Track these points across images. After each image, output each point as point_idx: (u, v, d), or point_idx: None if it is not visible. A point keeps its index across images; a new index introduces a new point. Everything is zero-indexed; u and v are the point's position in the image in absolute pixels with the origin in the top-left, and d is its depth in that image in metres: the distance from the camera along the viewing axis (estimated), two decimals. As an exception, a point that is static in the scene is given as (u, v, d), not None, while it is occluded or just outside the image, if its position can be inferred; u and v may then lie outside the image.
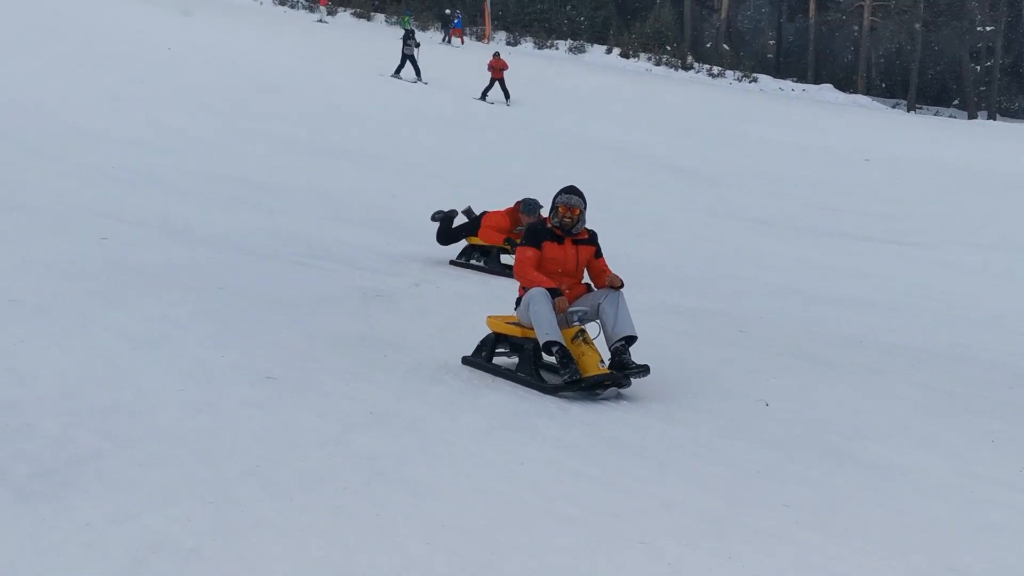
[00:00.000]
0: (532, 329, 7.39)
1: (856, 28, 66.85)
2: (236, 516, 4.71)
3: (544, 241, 7.61)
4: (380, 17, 64.04)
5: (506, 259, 12.11)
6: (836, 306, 12.28)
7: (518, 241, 11.64)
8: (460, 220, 12.69)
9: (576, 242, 7.71)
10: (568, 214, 7.59)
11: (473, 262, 12.37)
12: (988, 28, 65.90)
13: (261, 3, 61.33)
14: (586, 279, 7.89)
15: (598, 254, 7.81)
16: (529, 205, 12.08)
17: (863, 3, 64.46)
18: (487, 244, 12.22)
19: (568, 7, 65.70)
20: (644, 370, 7.29)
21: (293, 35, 44.76)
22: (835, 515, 5.61)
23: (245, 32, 41.68)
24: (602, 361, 7.27)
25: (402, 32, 37.84)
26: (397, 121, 25.13)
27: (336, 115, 24.50)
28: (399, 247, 12.28)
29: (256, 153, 17.92)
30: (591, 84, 42.72)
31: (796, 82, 63.69)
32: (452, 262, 12.44)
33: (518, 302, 7.68)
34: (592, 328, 7.55)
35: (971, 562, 5.09)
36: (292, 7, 63.68)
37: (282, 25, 50.30)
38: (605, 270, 7.75)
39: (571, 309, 7.40)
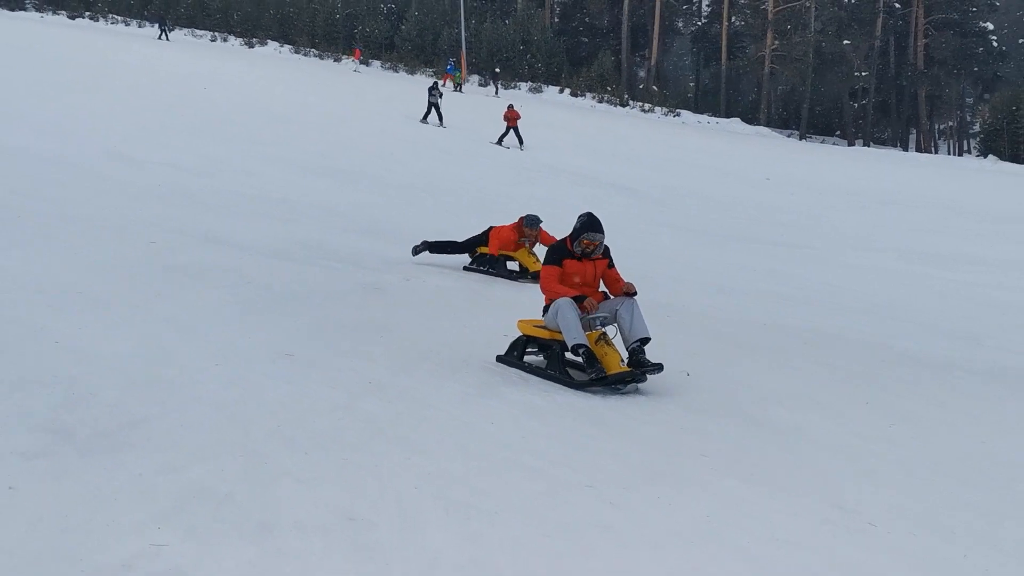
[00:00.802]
0: (559, 332, 7.12)
1: (758, 73, 67.14)
2: (261, 468, 4.70)
3: (565, 259, 7.31)
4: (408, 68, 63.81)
5: (511, 265, 11.88)
6: (752, 298, 12.32)
7: (515, 251, 11.73)
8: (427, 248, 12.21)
9: (591, 259, 7.39)
10: (590, 246, 7.24)
11: (482, 268, 11.93)
12: (863, 74, 66.35)
13: (280, 52, 61.01)
14: (602, 287, 7.55)
15: (611, 265, 7.47)
16: (531, 220, 11.78)
17: (764, 53, 64.75)
18: (495, 253, 11.83)
19: (528, 56, 65.70)
20: (659, 367, 6.94)
21: (328, 81, 44.49)
22: (745, 465, 5.64)
23: (283, 77, 41.45)
24: (622, 360, 6.98)
25: (431, 83, 36.43)
26: (399, 151, 25.06)
27: (345, 144, 24.41)
28: (393, 251, 12.24)
29: (274, 176, 17.84)
30: (549, 119, 42.65)
31: (711, 116, 63.94)
32: (466, 267, 12.02)
33: (545, 309, 7.37)
34: (609, 330, 7.26)
35: (853, 501, 5.14)
36: (326, 58, 63.28)
37: (320, 72, 50.07)
38: (619, 279, 7.41)
39: (592, 315, 7.08)
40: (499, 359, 7.53)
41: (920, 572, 4.32)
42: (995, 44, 71.84)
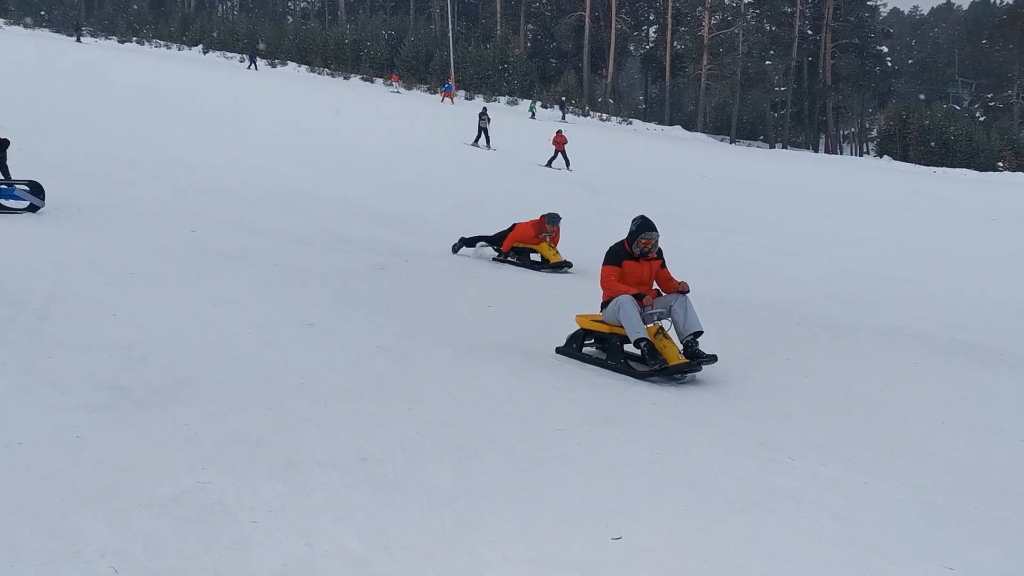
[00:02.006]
0: (617, 326, 6.54)
1: (696, 88, 67.06)
2: (288, 417, 4.70)
3: (624, 260, 6.72)
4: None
5: (534, 256, 11.42)
6: (688, 273, 12.21)
7: (537, 245, 11.24)
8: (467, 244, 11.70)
9: (648, 259, 6.79)
10: (648, 245, 6.67)
11: (510, 259, 11.40)
12: (782, 88, 66.33)
13: (298, 71, 60.27)
14: (655, 286, 6.95)
15: (663, 265, 6.87)
16: (552, 218, 11.33)
17: (700, 71, 64.59)
18: (520, 245, 11.35)
19: (506, 73, 65.36)
20: (713, 358, 6.42)
21: (340, 95, 44.04)
22: (685, 409, 5.68)
23: (303, 93, 41.05)
24: (680, 352, 6.43)
25: (481, 108, 32.88)
26: (400, 154, 24.89)
27: (355, 149, 24.23)
28: (400, 238, 12.17)
29: (298, 175, 17.70)
30: (522, 127, 42.51)
31: (657, 124, 63.77)
32: (495, 258, 11.48)
33: (603, 306, 6.76)
34: (664, 324, 6.72)
35: (773, 438, 5.19)
36: (337, 76, 62.56)
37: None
38: (671, 278, 6.84)
39: (651, 311, 6.53)
40: (559, 351, 6.92)
41: (830, 495, 4.37)
42: (889, 64, 72.02)
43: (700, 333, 6.53)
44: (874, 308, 10.66)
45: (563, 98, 58.59)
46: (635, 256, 6.73)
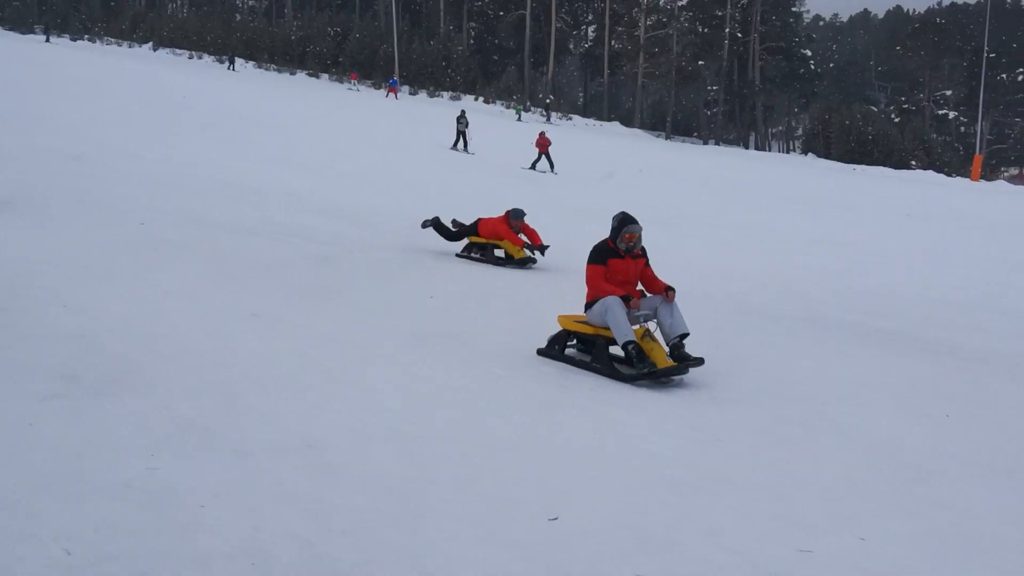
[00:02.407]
0: (603, 328, 6.22)
1: (633, 86, 67.56)
2: (236, 405, 4.63)
3: (609, 259, 6.40)
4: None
5: (498, 252, 11.08)
6: None
7: (501, 240, 10.87)
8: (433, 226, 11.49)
9: (633, 257, 6.48)
10: (632, 240, 6.36)
11: (473, 255, 11.10)
12: (714, 88, 67.28)
13: (245, 67, 59.26)
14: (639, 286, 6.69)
15: (647, 264, 6.58)
16: (516, 213, 10.96)
17: (637, 70, 65.11)
18: (484, 241, 11.08)
19: (449, 70, 65.09)
20: (700, 361, 6.15)
21: (287, 90, 43.42)
22: (625, 396, 5.74)
23: (251, 88, 40.34)
24: (667, 354, 6.15)
25: (458, 112, 30.76)
26: (348, 146, 24.63)
27: (303, 142, 23.91)
28: (347, 229, 12.05)
29: (246, 168, 17.42)
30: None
31: (596, 120, 64.16)
32: (457, 255, 11.20)
33: (587, 306, 6.43)
34: (649, 326, 6.42)
35: (706, 422, 5.27)
36: (283, 72, 61.56)
37: (281, 84, 48.81)
38: (656, 278, 6.54)
39: (636, 313, 6.22)
40: (540, 353, 6.58)
41: (759, 474, 4.46)
42: (812, 67, 73.51)
43: (686, 335, 6.30)
44: (802, 296, 10.87)
45: (547, 100, 58.33)
46: (620, 253, 6.42)
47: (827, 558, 3.55)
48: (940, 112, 73.24)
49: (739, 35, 68.23)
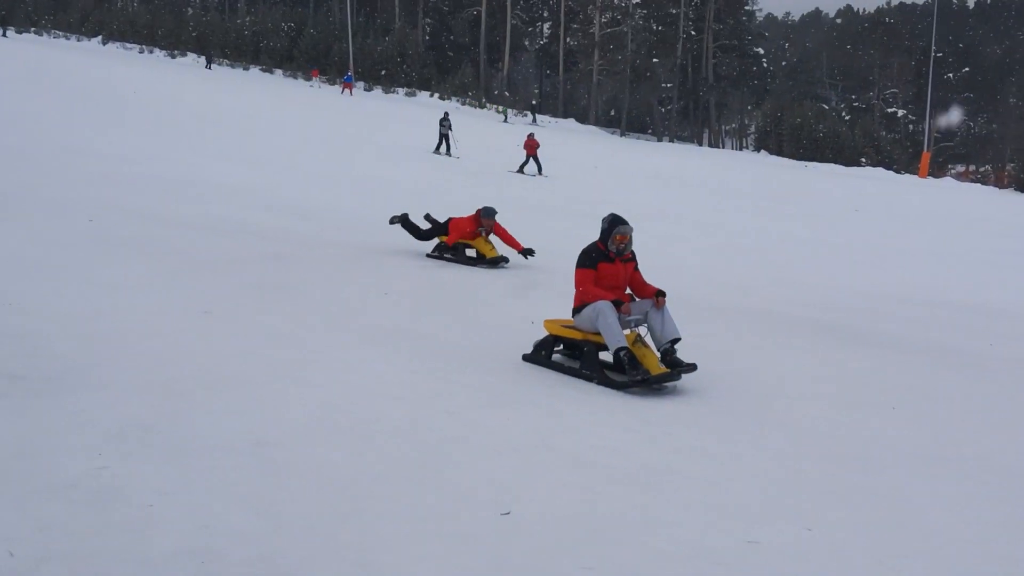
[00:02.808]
0: (592, 333, 6.04)
1: (588, 83, 67.83)
2: (183, 403, 4.59)
3: (599, 262, 6.19)
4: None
5: (469, 252, 10.87)
6: (572, 260, 12.25)
7: (472, 240, 10.59)
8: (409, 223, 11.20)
9: (623, 260, 6.28)
10: (623, 241, 6.18)
11: (445, 255, 10.79)
12: (668, 85, 67.78)
13: (198, 62, 58.27)
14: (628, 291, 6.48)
15: (636, 268, 6.39)
16: (488, 212, 10.72)
17: (592, 67, 65.37)
18: (455, 241, 10.74)
19: (404, 66, 64.74)
20: (693, 367, 5.98)
21: (239, 86, 42.82)
22: (573, 391, 5.78)
23: (203, 83, 39.73)
24: (659, 360, 5.99)
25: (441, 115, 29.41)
26: (298, 141, 24.40)
27: (253, 137, 23.65)
28: (298, 226, 11.97)
29: (196, 163, 17.19)
30: (420, 118, 42.21)
31: (551, 117, 64.26)
32: (428, 255, 10.90)
33: (576, 311, 6.22)
34: (639, 331, 6.24)
35: (649, 414, 5.34)
36: (236, 67, 60.61)
37: (233, 79, 48.09)
38: (646, 283, 6.38)
39: (627, 318, 6.08)
40: (526, 358, 6.39)
41: (703, 466, 4.53)
42: (765, 65, 74.48)
43: (678, 340, 6.14)
44: (746, 291, 11.03)
45: (534, 102, 57.92)
46: (611, 257, 6.22)
47: (774, 548, 3.62)
48: (889, 110, 74.70)
49: (693, 33, 68.81)
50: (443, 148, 27.82)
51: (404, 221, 11.21)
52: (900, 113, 74.81)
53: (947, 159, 73.58)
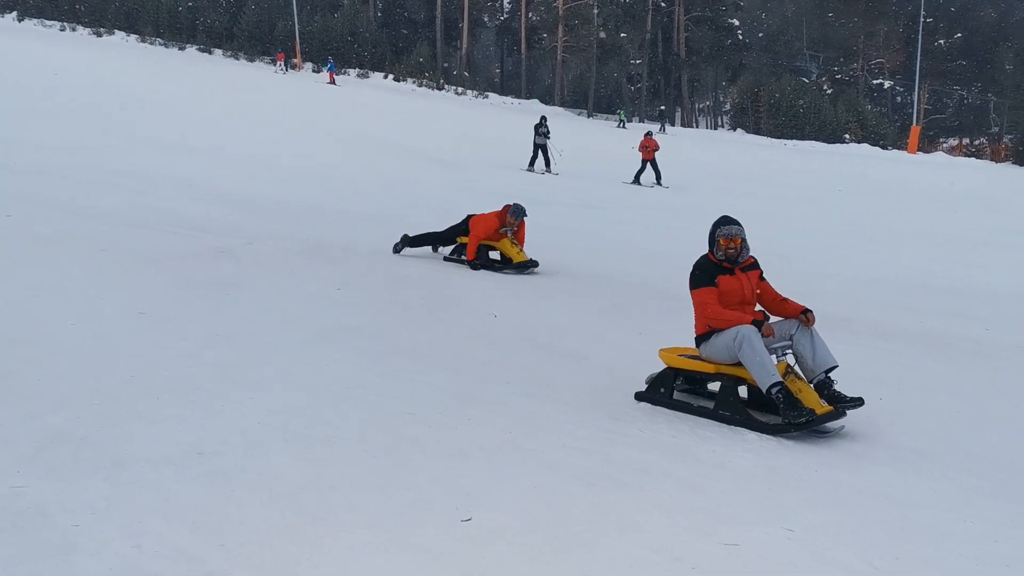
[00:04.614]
0: (727, 365, 5.34)
1: (553, 60, 67.92)
2: (117, 412, 4.53)
3: (717, 276, 5.43)
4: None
5: (492, 255, 10.20)
6: (542, 251, 12.12)
7: (496, 241, 9.95)
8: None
9: (743, 269, 5.54)
10: (731, 244, 5.44)
11: (463, 257, 10.15)
12: (637, 62, 68.09)
13: (127, 41, 57.50)
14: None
15: (762, 276, 5.64)
16: (517, 210, 10.07)
17: (556, 44, 65.47)
18: (479, 243, 10.04)
19: (356, 45, 64.35)
20: (859, 402, 5.26)
21: (174, 67, 42.20)
22: (539, 387, 5.78)
23: (131, 65, 39.10)
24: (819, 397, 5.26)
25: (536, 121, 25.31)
26: (236, 127, 24.15)
27: (189, 124, 23.34)
28: (245, 220, 11.82)
29: (135, 154, 16.95)
30: (375, 101, 42.02)
31: (514, 98, 64.30)
32: (446, 258, 10.36)
33: (701, 338, 5.48)
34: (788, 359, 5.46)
35: (620, 410, 5.36)
36: (171, 47, 59.74)
37: (167, 61, 47.39)
38: (780, 296, 5.61)
39: (773, 343, 5.28)
40: (640, 397, 5.65)
41: (678, 465, 4.54)
42: (740, 37, 74.92)
43: (834, 367, 5.40)
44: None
45: (662, 107, 56.29)
46: (727, 267, 5.49)
47: (755, 552, 3.63)
48: (875, 82, 75.49)
49: (663, 4, 69.14)
50: (540, 163, 24.13)
51: (409, 242, 10.46)
52: (887, 85, 75.64)
53: (938, 132, 74.46)
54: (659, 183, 23.18)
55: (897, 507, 4.26)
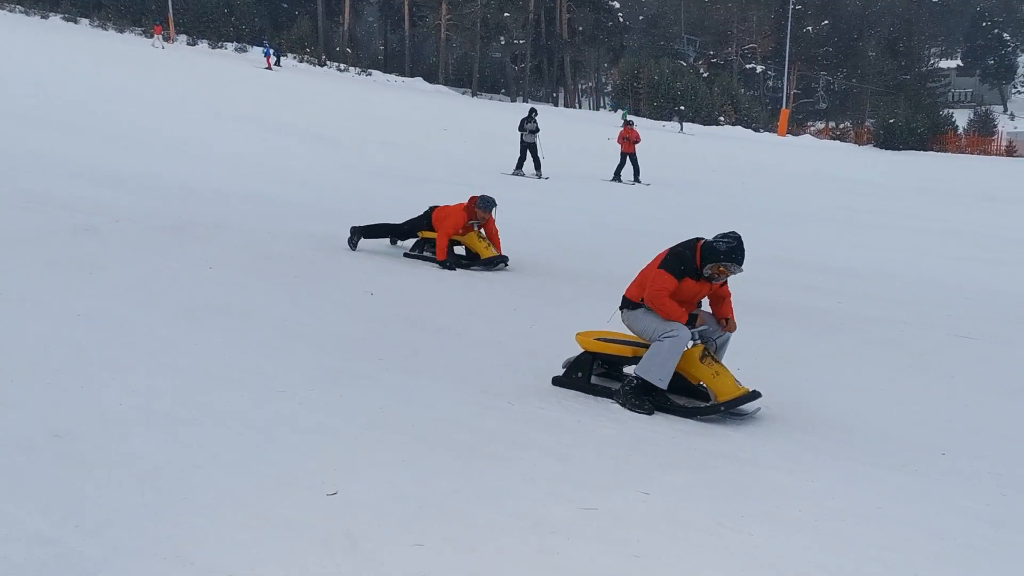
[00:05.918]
0: (644, 346, 5.41)
1: (437, 39, 67.48)
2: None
3: (686, 277, 5.38)
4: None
5: (458, 249, 9.57)
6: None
7: (462, 236, 9.32)
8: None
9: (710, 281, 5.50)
10: (724, 276, 5.41)
11: (426, 253, 9.63)
12: (520, 41, 68.27)
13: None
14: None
15: (723, 285, 5.66)
16: (486, 202, 9.35)
17: (440, 22, 65.04)
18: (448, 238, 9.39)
19: (233, 17, 62.41)
20: (756, 394, 5.34)
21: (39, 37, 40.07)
22: (412, 362, 5.83)
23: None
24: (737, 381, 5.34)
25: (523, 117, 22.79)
26: (113, 101, 23.14)
27: (72, 102, 22.26)
28: (113, 197, 11.37)
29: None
30: (253, 77, 40.95)
31: (398, 76, 63.58)
32: (406, 255, 9.78)
33: (632, 305, 5.51)
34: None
35: (497, 386, 5.45)
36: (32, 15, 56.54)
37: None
38: (726, 292, 5.68)
39: (700, 328, 5.41)
40: (556, 382, 5.63)
41: (545, 435, 4.67)
42: (621, 19, 76.02)
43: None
44: (597, 256, 11.35)
45: (680, 107, 54.22)
46: (704, 277, 5.45)
47: (611, 514, 3.79)
48: (748, 66, 77.83)
49: (546, -15, 69.46)
50: (527, 165, 21.68)
51: (364, 232, 9.83)
52: (759, 69, 78.08)
53: (807, 116, 77.30)
54: (637, 180, 21.88)
55: (746, 467, 4.50)
